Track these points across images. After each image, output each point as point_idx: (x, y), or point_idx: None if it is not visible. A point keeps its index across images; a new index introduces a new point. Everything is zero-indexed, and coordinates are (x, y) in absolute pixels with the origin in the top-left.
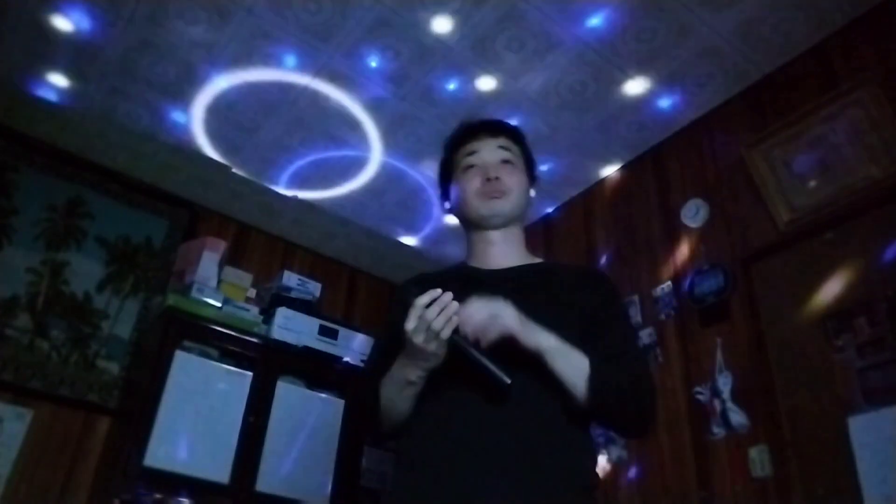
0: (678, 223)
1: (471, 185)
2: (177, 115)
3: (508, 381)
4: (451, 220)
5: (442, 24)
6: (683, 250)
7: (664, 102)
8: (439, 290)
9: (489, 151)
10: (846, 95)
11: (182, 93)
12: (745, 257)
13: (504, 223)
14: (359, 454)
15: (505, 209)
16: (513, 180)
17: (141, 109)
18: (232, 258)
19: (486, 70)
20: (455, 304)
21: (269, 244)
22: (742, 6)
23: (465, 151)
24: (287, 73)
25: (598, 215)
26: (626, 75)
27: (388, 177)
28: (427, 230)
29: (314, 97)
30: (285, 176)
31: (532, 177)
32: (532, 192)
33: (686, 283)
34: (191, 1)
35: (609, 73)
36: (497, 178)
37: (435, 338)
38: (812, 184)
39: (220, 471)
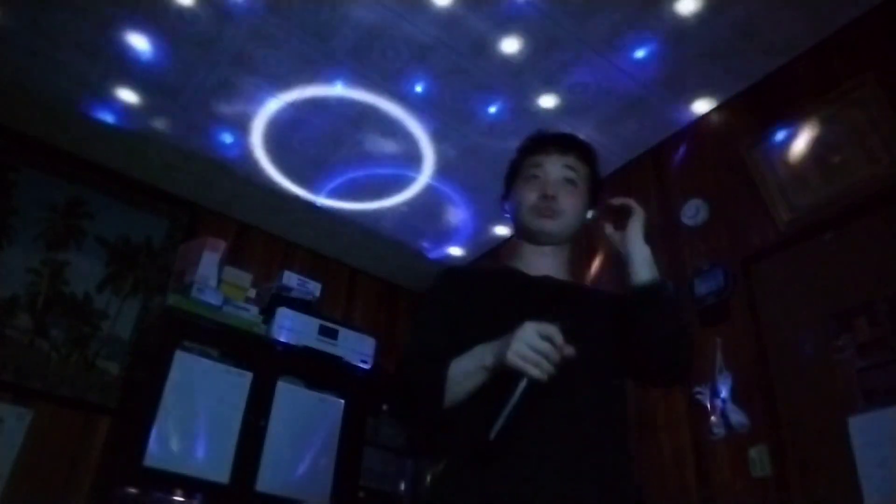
0: (678, 223)
1: (528, 197)
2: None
3: (491, 438)
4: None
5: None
6: (683, 250)
7: (664, 102)
8: (558, 335)
9: (554, 167)
10: (846, 95)
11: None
12: (745, 257)
13: (551, 242)
14: (359, 454)
15: (554, 230)
16: (569, 202)
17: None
18: (232, 258)
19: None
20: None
21: (269, 244)
22: (742, 6)
23: (532, 161)
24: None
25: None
26: (626, 75)
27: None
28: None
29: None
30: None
31: (595, 199)
32: (590, 214)
33: (686, 284)
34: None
35: (608, 72)
36: (553, 197)
37: (528, 365)
38: (812, 184)
39: (220, 471)
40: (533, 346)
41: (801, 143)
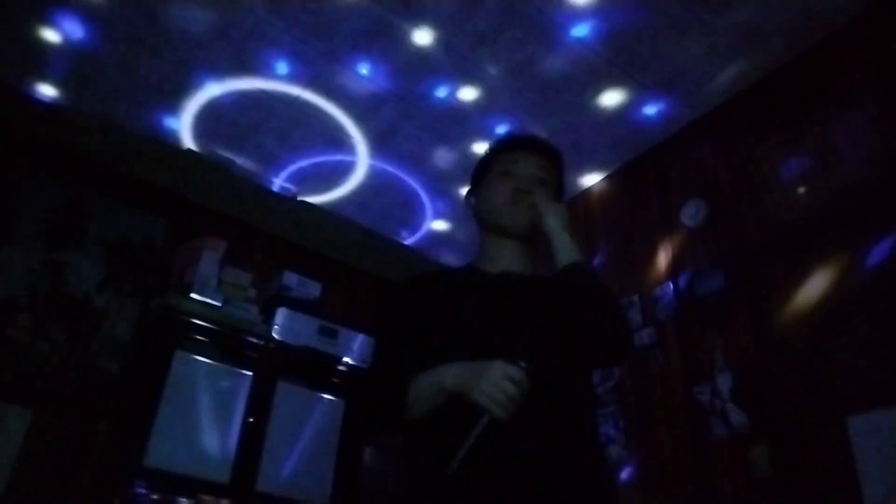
0: (678, 223)
1: (501, 191)
2: (169, 119)
3: (450, 470)
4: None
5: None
6: (683, 250)
7: (664, 103)
8: (525, 381)
9: (528, 165)
10: (846, 95)
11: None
12: (745, 257)
13: (520, 235)
14: (359, 454)
15: (524, 222)
16: (541, 199)
17: (136, 112)
18: (232, 258)
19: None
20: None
21: (269, 244)
22: (742, 6)
23: (506, 158)
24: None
25: (598, 215)
26: (626, 75)
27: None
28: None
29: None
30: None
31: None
32: None
33: (686, 283)
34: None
35: (609, 73)
36: (528, 191)
37: (494, 406)
38: (812, 184)
39: (220, 471)
40: (501, 387)
41: (801, 143)
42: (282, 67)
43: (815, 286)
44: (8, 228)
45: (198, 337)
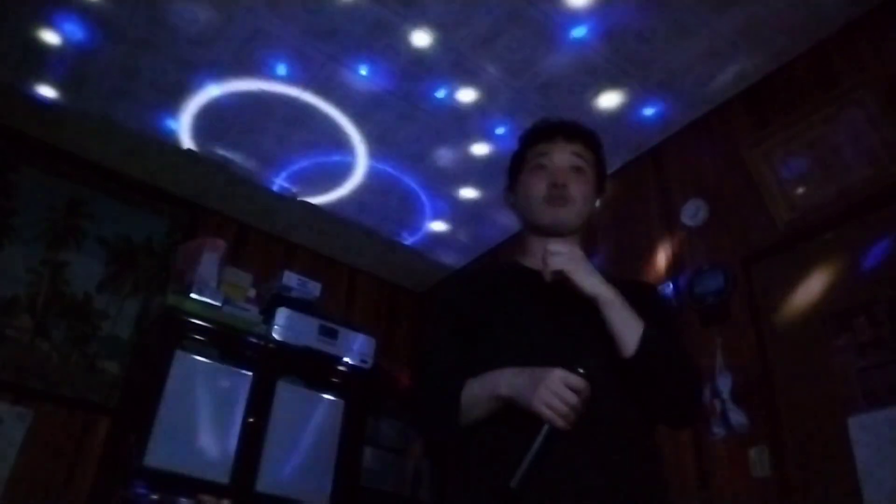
0: (678, 223)
1: (536, 187)
2: (168, 120)
3: (512, 485)
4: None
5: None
6: (683, 250)
7: (664, 102)
8: (586, 389)
9: (561, 155)
10: (846, 95)
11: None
12: (745, 257)
13: (562, 232)
14: (359, 454)
15: (566, 218)
16: (579, 189)
17: (136, 112)
18: (232, 258)
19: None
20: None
21: (269, 244)
22: (742, 6)
23: (538, 151)
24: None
25: (598, 215)
26: (626, 75)
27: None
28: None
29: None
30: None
31: (602, 186)
32: (597, 203)
33: (686, 283)
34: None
35: (609, 72)
36: (564, 185)
37: (555, 415)
38: (812, 184)
39: (220, 471)
40: (561, 396)
41: (800, 142)
42: (281, 68)
43: (815, 286)
44: (8, 228)
45: (198, 337)
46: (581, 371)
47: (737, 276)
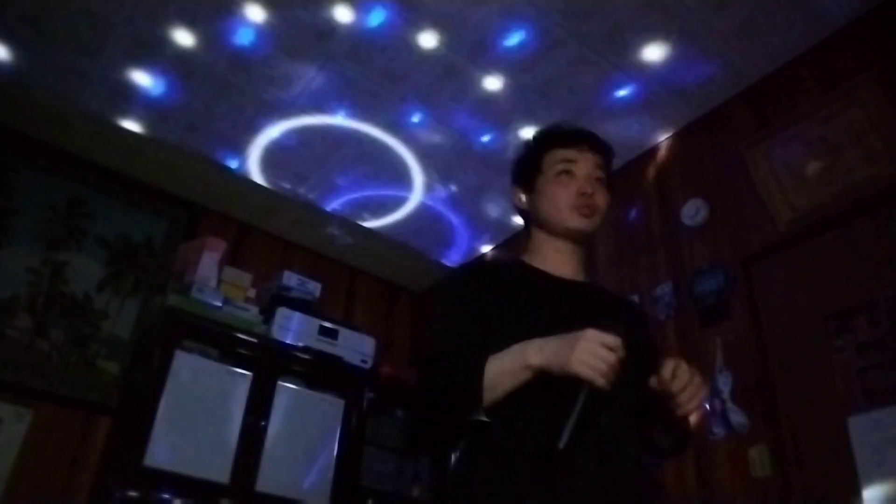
0: (678, 223)
1: (564, 194)
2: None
3: (560, 447)
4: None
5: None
6: (683, 250)
7: (664, 102)
8: (621, 347)
9: (588, 165)
10: (846, 95)
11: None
12: (745, 257)
13: (581, 240)
14: (359, 454)
15: (590, 228)
16: (604, 200)
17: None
18: (232, 258)
19: None
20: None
21: (269, 244)
22: (742, 6)
23: (563, 156)
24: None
25: None
26: (626, 75)
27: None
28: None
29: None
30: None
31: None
32: None
33: (686, 283)
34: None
35: (608, 72)
36: (593, 195)
37: (594, 373)
38: (812, 184)
39: (220, 471)
40: (598, 354)
41: (801, 142)
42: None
43: (815, 286)
44: (8, 228)
45: (198, 337)
46: (615, 330)
47: (737, 276)
